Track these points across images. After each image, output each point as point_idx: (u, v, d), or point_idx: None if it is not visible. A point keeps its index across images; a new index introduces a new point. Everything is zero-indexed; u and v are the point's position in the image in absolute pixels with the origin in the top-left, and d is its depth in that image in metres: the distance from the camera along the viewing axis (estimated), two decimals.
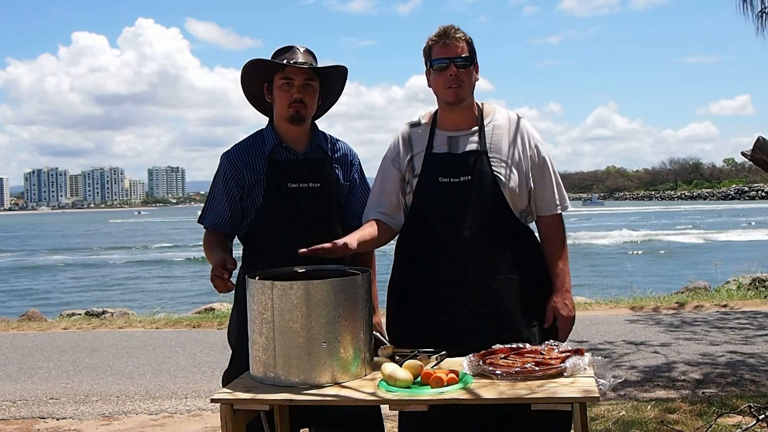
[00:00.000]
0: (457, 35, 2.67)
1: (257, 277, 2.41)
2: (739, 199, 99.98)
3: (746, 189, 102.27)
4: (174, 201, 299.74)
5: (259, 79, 2.84)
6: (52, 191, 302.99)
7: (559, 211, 2.81)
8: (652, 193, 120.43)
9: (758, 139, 3.71)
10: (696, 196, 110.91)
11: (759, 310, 8.72)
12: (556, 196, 2.79)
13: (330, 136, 2.97)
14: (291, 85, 2.76)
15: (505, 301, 2.65)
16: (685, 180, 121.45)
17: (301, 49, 2.81)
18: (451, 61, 2.66)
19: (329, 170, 2.88)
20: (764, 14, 7.41)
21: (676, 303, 9.42)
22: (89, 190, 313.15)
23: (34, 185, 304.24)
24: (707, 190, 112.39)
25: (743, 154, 3.82)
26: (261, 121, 2.95)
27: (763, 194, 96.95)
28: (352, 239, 2.59)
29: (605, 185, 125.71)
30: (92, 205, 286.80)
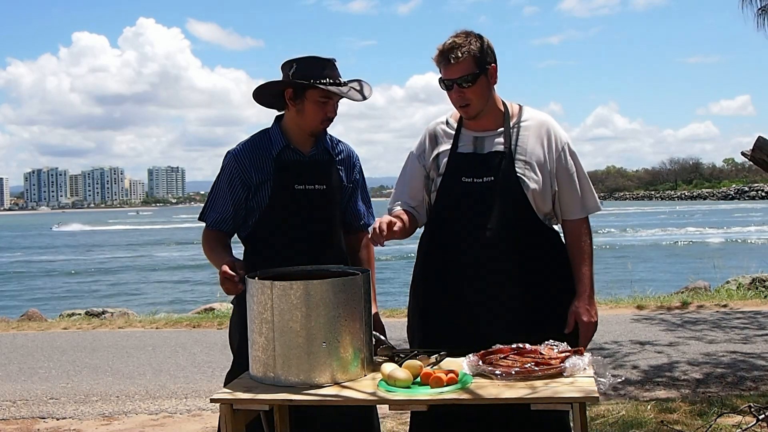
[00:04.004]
0: (459, 54, 2.57)
1: (257, 277, 2.41)
2: (739, 199, 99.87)
3: (746, 189, 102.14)
4: (174, 201, 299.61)
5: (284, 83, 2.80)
6: (52, 191, 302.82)
7: (584, 216, 2.75)
8: (652, 193, 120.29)
9: (758, 139, 3.71)
10: (696, 196, 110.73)
11: (759, 310, 8.72)
12: (582, 200, 2.74)
13: (332, 137, 2.97)
14: (327, 103, 2.74)
15: (526, 302, 2.63)
16: (685, 180, 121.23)
17: (337, 64, 2.76)
18: (453, 83, 2.61)
19: (334, 172, 2.88)
20: (764, 12, 7.41)
21: (677, 303, 9.41)
22: (89, 190, 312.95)
23: (34, 185, 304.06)
24: (707, 190, 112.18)
25: (743, 154, 3.82)
26: (262, 121, 2.95)
27: (763, 194, 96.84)
28: (397, 221, 2.58)
29: (605, 185, 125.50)
30: (92, 205, 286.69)
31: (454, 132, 2.76)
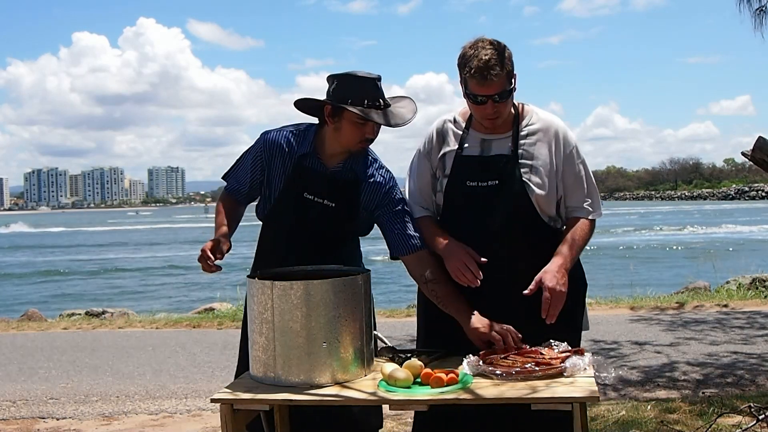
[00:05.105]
0: (498, 72, 2.49)
1: (257, 277, 2.41)
2: (739, 199, 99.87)
3: (746, 189, 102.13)
4: (174, 201, 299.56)
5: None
6: (52, 191, 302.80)
7: (587, 216, 2.70)
8: (652, 193, 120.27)
9: (758, 139, 3.71)
10: (696, 196, 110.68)
11: (759, 310, 8.71)
12: (587, 201, 2.71)
13: (372, 159, 2.82)
14: (365, 124, 2.67)
15: (529, 304, 2.59)
16: (685, 180, 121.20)
17: (380, 84, 2.68)
18: (489, 98, 2.55)
19: (352, 193, 2.77)
20: (762, 12, 7.40)
21: (677, 303, 9.41)
22: (89, 190, 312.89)
23: (34, 185, 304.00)
24: (707, 190, 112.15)
25: (743, 154, 3.82)
26: (262, 121, 2.94)
27: (763, 194, 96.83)
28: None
29: (605, 185, 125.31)
30: (92, 205, 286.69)
31: (461, 132, 2.74)
